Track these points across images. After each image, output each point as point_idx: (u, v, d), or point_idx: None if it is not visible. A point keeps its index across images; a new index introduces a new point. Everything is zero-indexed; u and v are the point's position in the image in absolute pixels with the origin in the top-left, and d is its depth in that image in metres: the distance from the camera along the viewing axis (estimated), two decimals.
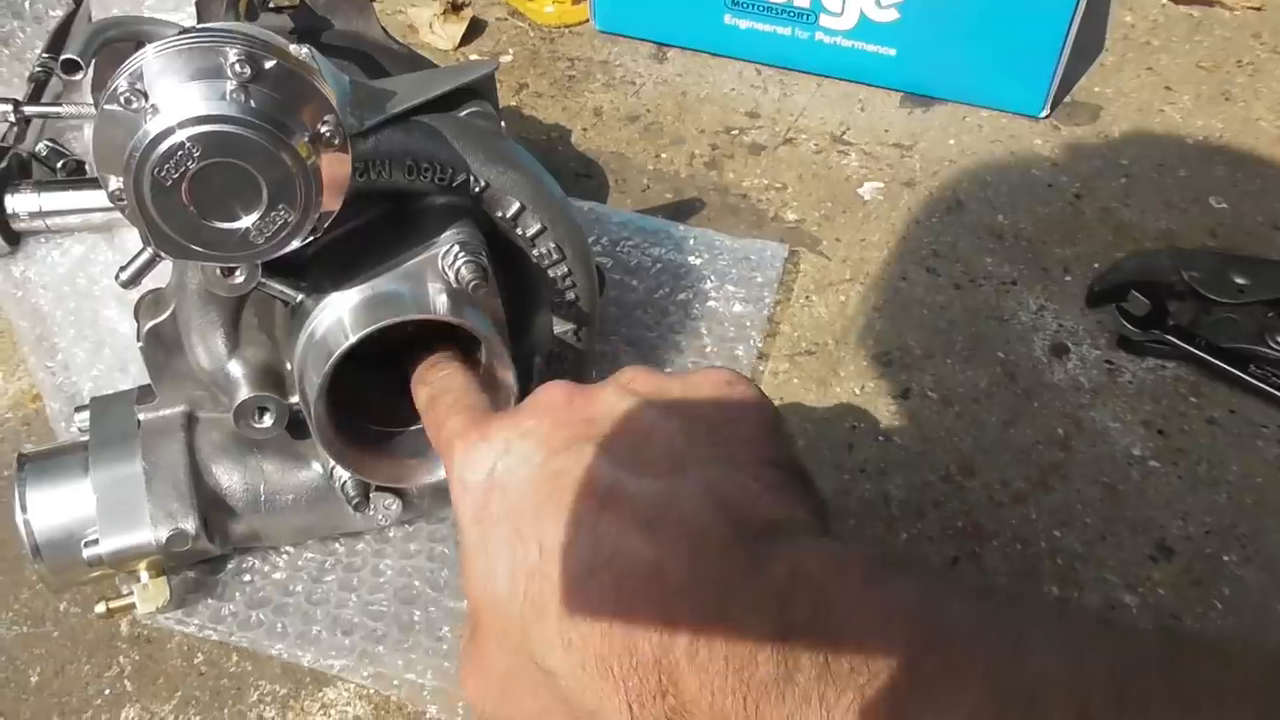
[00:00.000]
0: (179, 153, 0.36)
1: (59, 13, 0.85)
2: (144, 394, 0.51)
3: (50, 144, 0.74)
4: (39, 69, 0.78)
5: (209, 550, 0.50)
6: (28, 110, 0.73)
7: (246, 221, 0.38)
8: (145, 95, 0.36)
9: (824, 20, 0.80)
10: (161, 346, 0.48)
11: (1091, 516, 0.56)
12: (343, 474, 0.48)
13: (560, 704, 0.32)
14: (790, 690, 0.28)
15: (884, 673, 0.28)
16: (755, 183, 0.76)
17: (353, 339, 0.43)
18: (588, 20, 0.90)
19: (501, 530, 0.34)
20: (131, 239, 0.69)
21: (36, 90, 0.76)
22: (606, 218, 0.70)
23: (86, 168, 0.74)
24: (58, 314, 0.66)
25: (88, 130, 0.76)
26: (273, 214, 0.39)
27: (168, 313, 0.47)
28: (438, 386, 0.43)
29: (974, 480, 0.58)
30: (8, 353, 0.66)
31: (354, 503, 0.48)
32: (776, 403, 0.61)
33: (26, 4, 0.85)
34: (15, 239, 0.69)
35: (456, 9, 0.89)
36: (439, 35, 0.89)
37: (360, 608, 0.52)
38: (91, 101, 0.74)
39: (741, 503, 0.32)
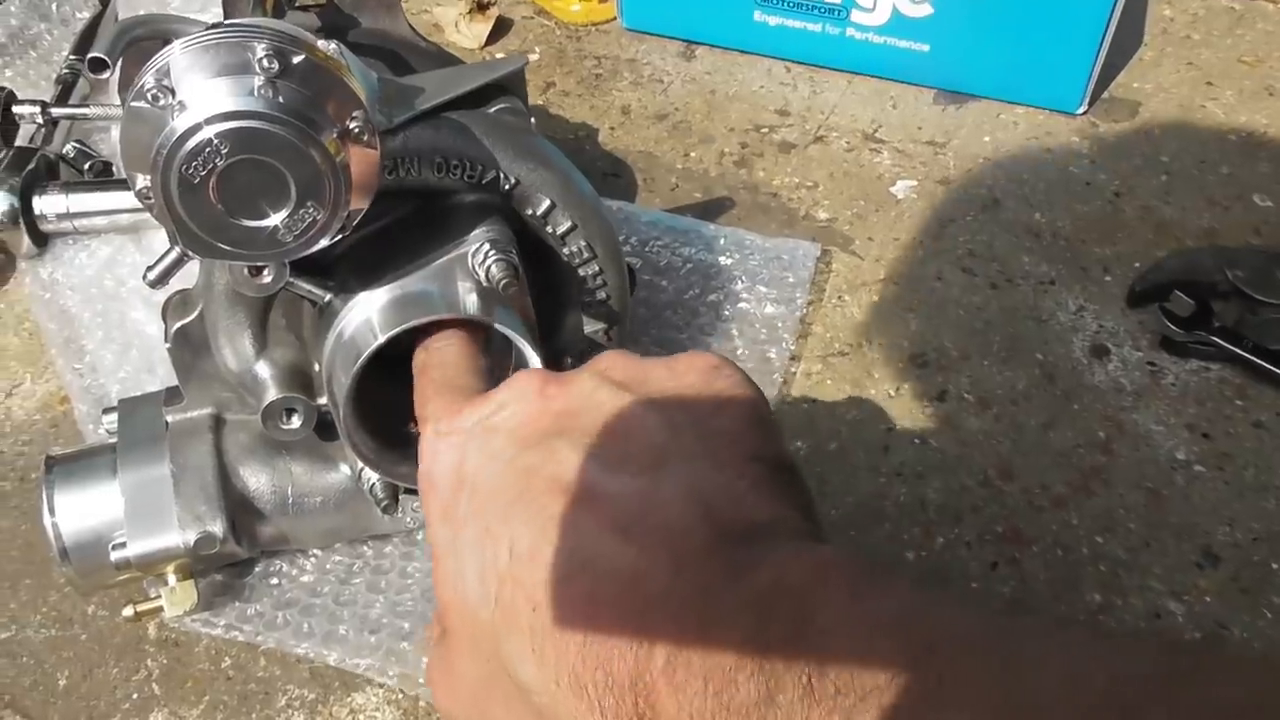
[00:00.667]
0: (207, 149, 0.36)
1: (86, 15, 0.85)
2: (171, 395, 0.50)
3: (77, 145, 0.74)
4: (66, 71, 0.78)
5: (237, 553, 0.50)
6: (55, 112, 0.73)
7: (275, 219, 0.38)
8: (172, 91, 0.36)
9: (855, 16, 0.79)
10: (189, 347, 0.48)
11: (1135, 522, 0.54)
12: (371, 476, 0.47)
13: (534, 718, 0.31)
14: (772, 713, 0.26)
15: (872, 694, 0.26)
16: (786, 181, 0.75)
17: (381, 339, 0.42)
18: (615, 18, 0.89)
19: (470, 531, 0.32)
20: (159, 240, 0.68)
21: (64, 92, 0.77)
22: (635, 217, 0.69)
23: (113, 169, 0.74)
24: (85, 316, 0.66)
25: (114, 131, 0.76)
26: (301, 212, 0.38)
27: (195, 313, 0.47)
28: (433, 356, 0.42)
29: (1013, 484, 0.56)
30: (35, 355, 0.66)
31: (383, 505, 0.47)
32: (810, 405, 0.61)
33: (53, 6, 0.85)
34: (43, 240, 0.69)
35: (482, 8, 0.89)
36: (465, 34, 0.88)
37: (388, 608, 0.52)
38: (118, 103, 0.75)
39: (724, 504, 0.31)
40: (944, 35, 0.78)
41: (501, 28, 0.90)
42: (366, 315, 0.43)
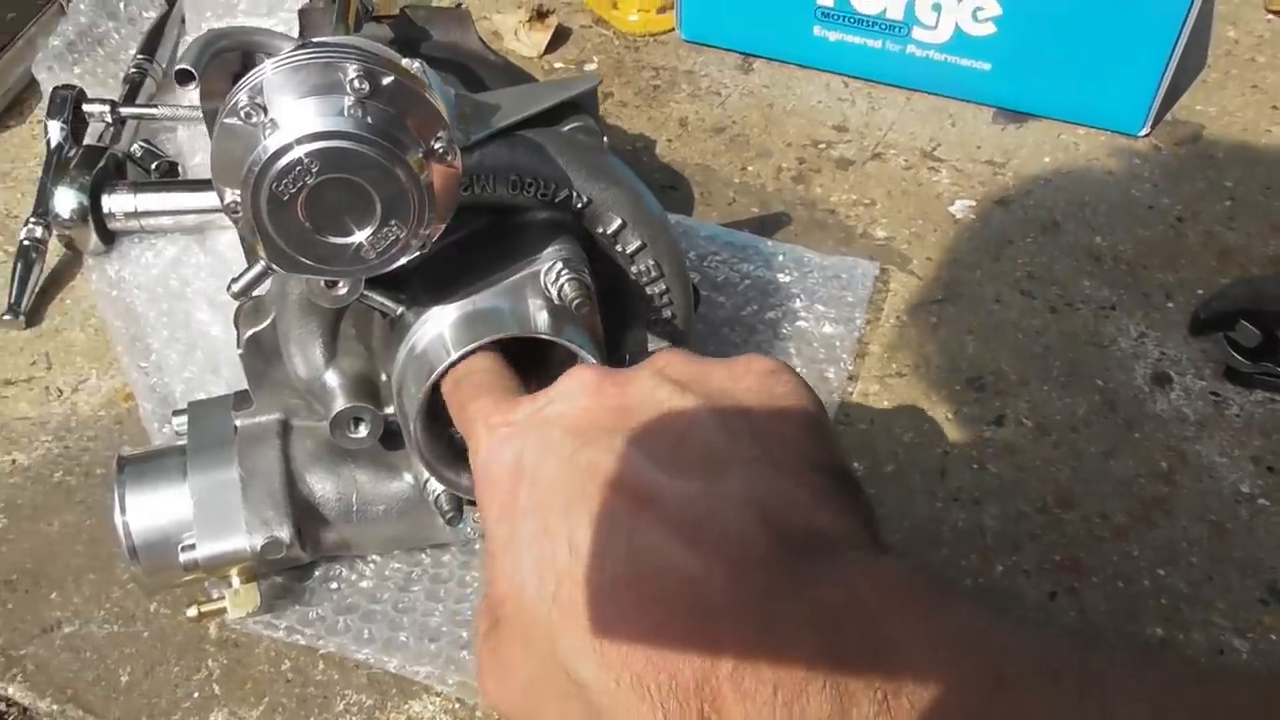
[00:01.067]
0: (297, 168, 0.36)
1: (153, 14, 0.86)
2: (241, 400, 0.51)
3: (144, 145, 0.75)
4: (134, 70, 0.79)
5: (300, 558, 0.50)
6: (123, 111, 0.75)
7: (359, 237, 0.38)
8: (264, 110, 0.36)
9: (917, 33, 0.79)
10: (260, 354, 0.48)
11: (1198, 555, 0.54)
12: (436, 487, 0.47)
13: (590, 717, 0.31)
14: None
15: (950, 716, 0.26)
16: (843, 198, 0.75)
17: (453, 356, 0.43)
18: (673, 29, 0.89)
19: (529, 526, 0.32)
20: (223, 242, 0.69)
21: (131, 91, 0.78)
22: (693, 231, 0.69)
23: (179, 169, 0.75)
24: (151, 315, 0.66)
25: (181, 131, 0.78)
26: (385, 229, 0.38)
27: (268, 321, 0.48)
28: (463, 369, 0.42)
29: (1072, 512, 0.56)
30: (101, 351, 0.67)
31: (448, 517, 0.47)
32: (867, 426, 0.60)
33: (121, 5, 0.86)
34: (110, 238, 0.70)
35: (541, 16, 0.89)
36: (524, 43, 0.89)
37: (447, 616, 0.52)
38: (185, 103, 0.76)
39: (785, 511, 0.30)
40: (1007, 54, 0.77)
41: (560, 37, 0.90)
42: (439, 331, 0.44)
